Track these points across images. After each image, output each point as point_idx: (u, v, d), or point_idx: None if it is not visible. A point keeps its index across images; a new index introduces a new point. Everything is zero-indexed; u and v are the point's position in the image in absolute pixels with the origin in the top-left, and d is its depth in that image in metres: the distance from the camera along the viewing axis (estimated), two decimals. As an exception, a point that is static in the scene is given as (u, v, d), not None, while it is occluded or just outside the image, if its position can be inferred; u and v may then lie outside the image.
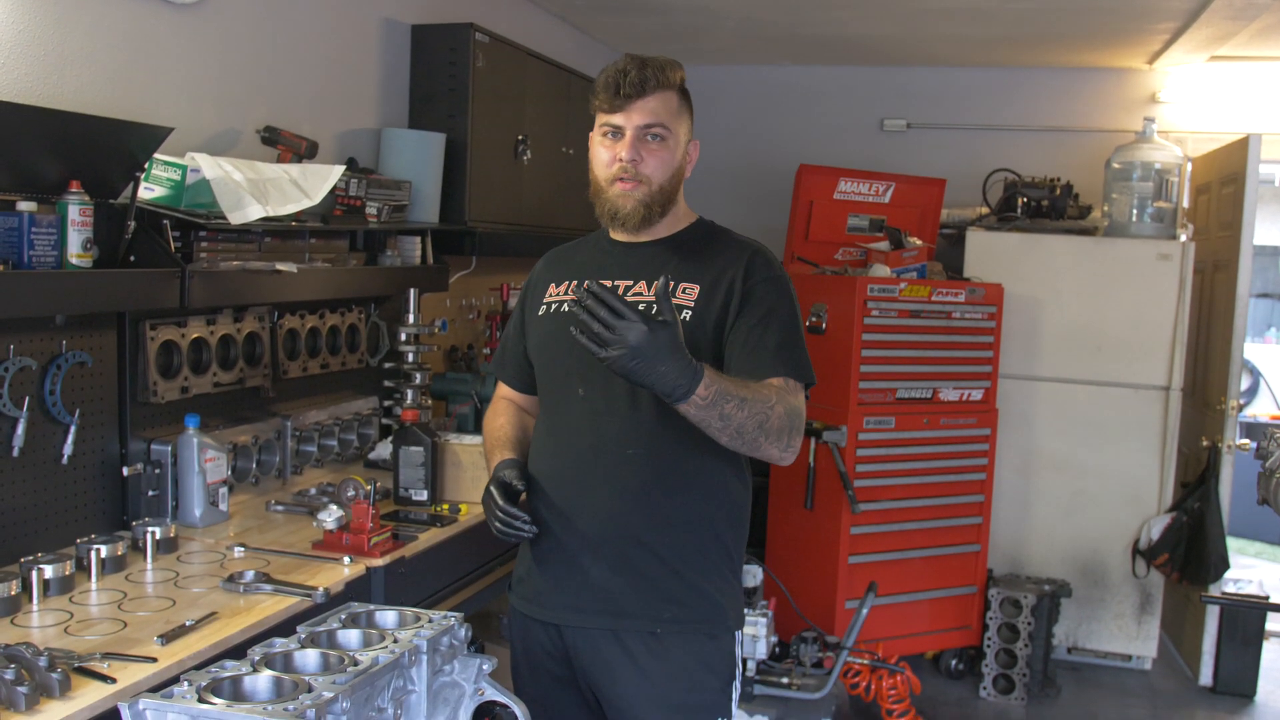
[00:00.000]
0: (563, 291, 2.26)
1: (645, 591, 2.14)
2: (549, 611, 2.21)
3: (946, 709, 4.70)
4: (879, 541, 4.72)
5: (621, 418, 2.13)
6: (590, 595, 2.16)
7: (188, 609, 2.23)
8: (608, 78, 2.14)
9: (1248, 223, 4.82)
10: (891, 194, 5.49)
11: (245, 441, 3.13)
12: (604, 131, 2.18)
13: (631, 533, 2.14)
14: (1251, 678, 4.98)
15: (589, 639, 2.18)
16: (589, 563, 2.15)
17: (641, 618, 2.15)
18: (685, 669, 2.16)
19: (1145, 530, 5.03)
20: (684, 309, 2.13)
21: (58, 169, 2.42)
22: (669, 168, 2.17)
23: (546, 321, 2.26)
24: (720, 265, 2.18)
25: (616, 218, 2.17)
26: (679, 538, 2.16)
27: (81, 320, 2.63)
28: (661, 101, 2.14)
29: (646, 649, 2.15)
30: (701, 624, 2.17)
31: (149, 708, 1.55)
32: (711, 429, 1.98)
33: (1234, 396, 4.96)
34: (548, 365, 2.25)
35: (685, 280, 2.16)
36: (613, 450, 2.14)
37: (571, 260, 2.33)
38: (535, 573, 2.23)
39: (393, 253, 3.65)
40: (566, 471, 2.18)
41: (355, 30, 3.81)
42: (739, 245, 2.23)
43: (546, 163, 4.60)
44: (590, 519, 2.15)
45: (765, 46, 5.83)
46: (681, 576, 2.15)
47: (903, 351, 4.71)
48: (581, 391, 2.16)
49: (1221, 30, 4.81)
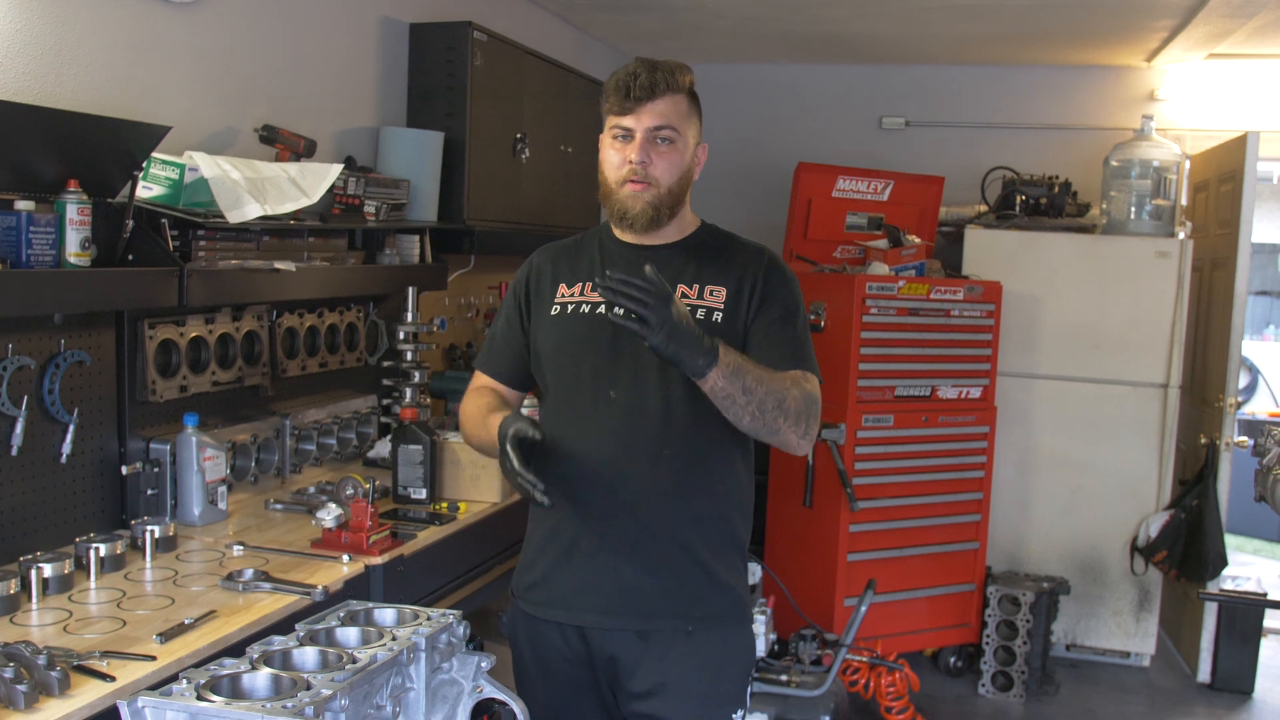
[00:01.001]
0: (577, 293, 2.25)
1: (676, 591, 2.16)
2: (574, 614, 2.20)
3: (945, 706, 4.70)
4: (878, 539, 4.72)
5: (655, 418, 2.15)
6: (622, 597, 2.16)
7: (187, 607, 2.24)
8: (618, 80, 2.15)
9: (1246, 220, 4.82)
10: (890, 192, 5.49)
11: (244, 440, 3.13)
12: (614, 134, 2.18)
13: (666, 532, 2.16)
14: (1249, 674, 4.99)
15: (614, 640, 2.18)
16: (622, 564, 2.16)
17: (672, 617, 2.17)
18: (711, 661, 2.20)
19: (1144, 527, 5.03)
20: (715, 311, 2.18)
21: (56, 168, 2.42)
22: (678, 170, 2.19)
23: (566, 323, 2.24)
24: (740, 268, 2.22)
25: (625, 218, 2.19)
26: (707, 535, 2.19)
27: (80, 319, 2.64)
28: (671, 105, 2.16)
29: (675, 647, 2.17)
30: (729, 619, 2.22)
31: (148, 705, 1.55)
32: (735, 405, 2.02)
33: (1232, 394, 4.96)
34: (570, 368, 2.22)
35: (710, 284, 2.21)
36: (647, 451, 2.14)
37: (578, 260, 2.31)
38: (555, 577, 2.22)
39: (391, 251, 3.65)
40: (598, 473, 2.16)
41: (353, 29, 3.81)
42: (754, 250, 2.28)
43: (545, 161, 4.60)
44: (625, 521, 2.15)
45: (764, 45, 5.83)
46: (709, 573, 2.19)
47: (901, 349, 4.71)
48: (613, 394, 2.16)
49: (1219, 28, 4.82)
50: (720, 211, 2.60)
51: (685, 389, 2.11)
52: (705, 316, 2.17)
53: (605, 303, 2.06)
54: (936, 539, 4.85)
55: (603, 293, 1.93)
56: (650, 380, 2.15)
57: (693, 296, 2.19)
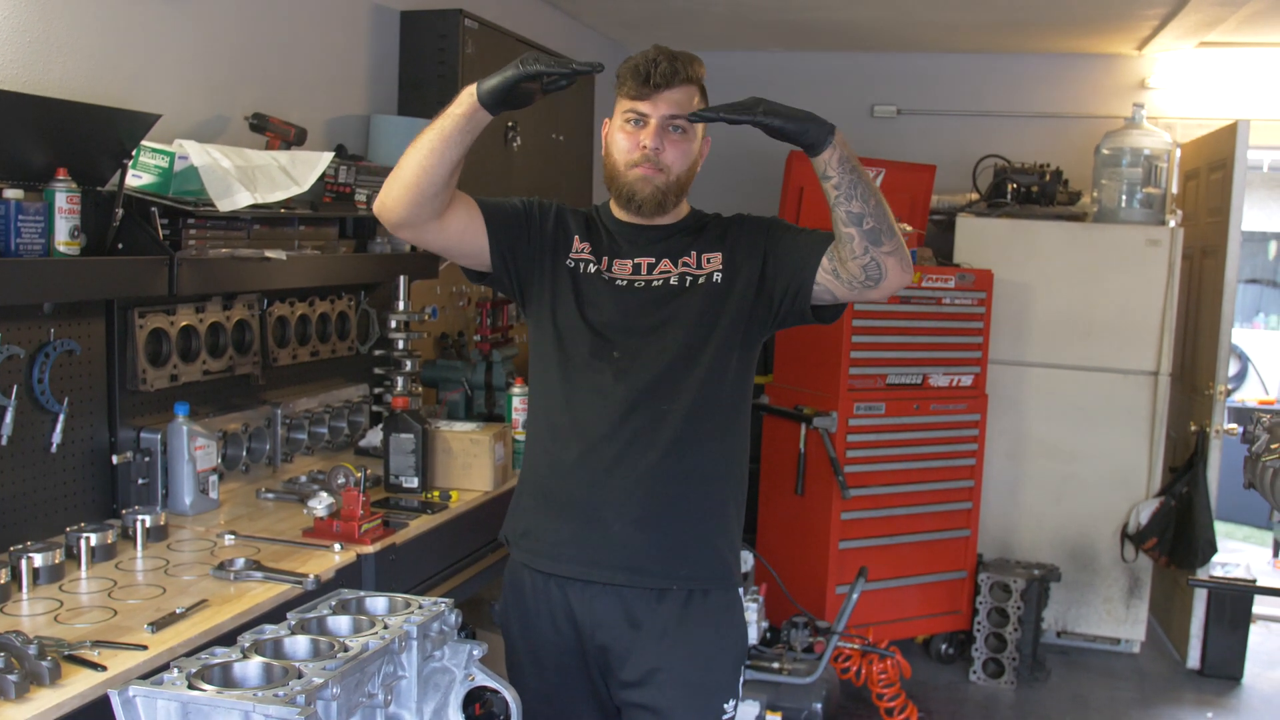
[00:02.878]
0: (585, 252, 2.28)
1: (664, 549, 2.19)
2: (560, 564, 2.22)
3: (937, 693, 4.72)
4: (869, 527, 4.73)
5: (656, 376, 2.18)
6: (609, 550, 2.18)
7: (178, 597, 2.23)
8: (637, 65, 2.17)
9: (1236, 208, 4.84)
10: (881, 180, 5.48)
11: (235, 429, 3.13)
12: (628, 118, 2.20)
13: (661, 489, 2.18)
14: (1239, 660, 5.02)
15: (597, 599, 2.19)
16: (612, 518, 2.18)
17: (656, 575, 2.18)
18: (702, 650, 2.21)
19: (1134, 514, 5.05)
20: (715, 273, 2.25)
21: (44, 156, 2.41)
22: (688, 160, 2.24)
23: (582, 281, 2.26)
24: (730, 238, 2.29)
25: (633, 201, 2.22)
26: (701, 494, 2.22)
27: (69, 308, 2.62)
28: (686, 95, 2.19)
29: (659, 623, 2.18)
30: (712, 581, 2.23)
31: (139, 695, 1.55)
32: (860, 184, 2.02)
33: (1222, 381, 4.98)
34: (579, 325, 2.24)
35: (706, 251, 2.27)
36: (649, 408, 2.17)
37: (586, 226, 2.34)
38: (547, 526, 2.24)
39: (382, 240, 3.64)
40: (600, 428, 2.19)
41: (344, 16, 3.80)
42: (734, 218, 2.35)
43: (536, 149, 4.59)
44: (623, 476, 2.18)
45: (754, 32, 5.82)
46: (699, 533, 2.22)
47: (893, 337, 4.72)
48: (617, 353, 2.20)
49: (1210, 16, 4.82)
50: (712, 200, 2.61)
51: (687, 349, 2.18)
52: (707, 279, 2.23)
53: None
54: (928, 527, 4.87)
55: (693, 118, 2.04)
56: (653, 341, 2.20)
57: (692, 265, 2.25)
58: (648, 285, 2.24)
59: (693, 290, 2.23)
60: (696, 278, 2.24)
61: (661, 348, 2.19)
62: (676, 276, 2.24)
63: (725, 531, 2.27)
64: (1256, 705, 4.81)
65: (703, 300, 2.22)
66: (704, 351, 2.20)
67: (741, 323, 2.23)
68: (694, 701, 2.22)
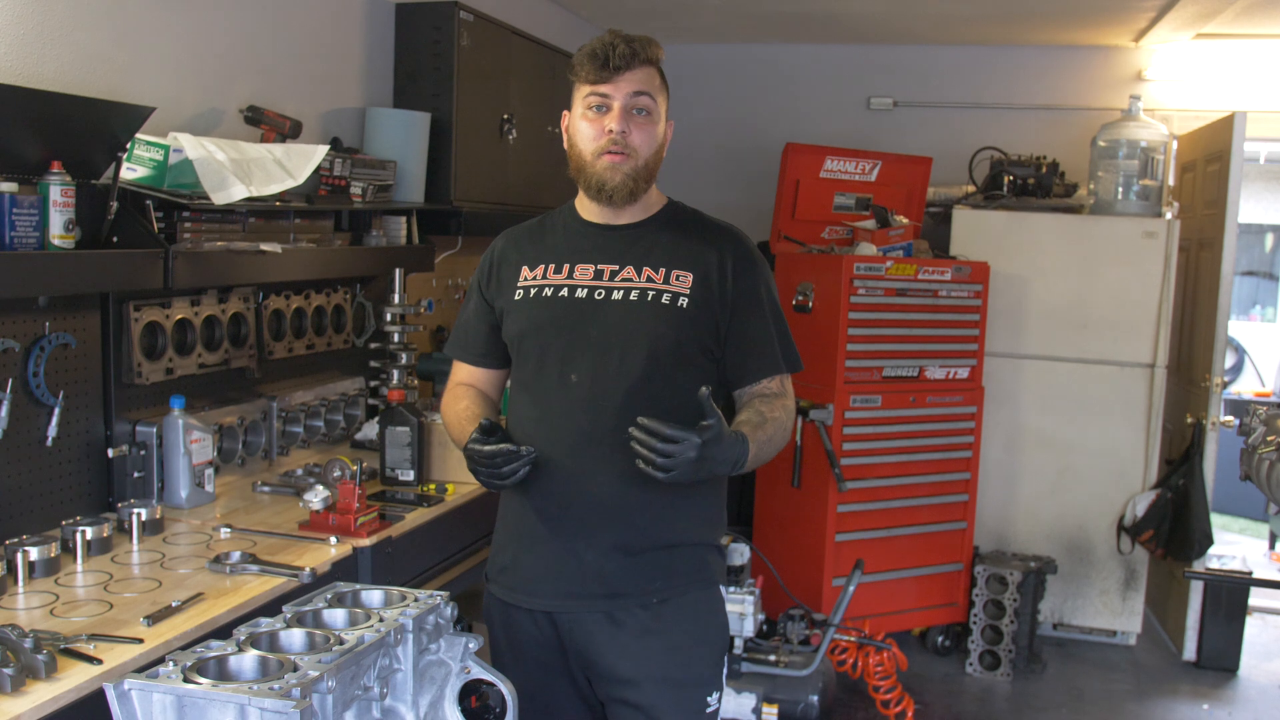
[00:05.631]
0: (539, 275, 2.24)
1: (639, 569, 2.17)
2: (540, 600, 2.20)
3: (933, 685, 4.73)
4: (866, 519, 4.73)
5: (616, 402, 2.13)
6: (585, 580, 2.16)
7: (174, 590, 2.23)
8: (594, 50, 2.14)
9: (1233, 200, 4.84)
10: (878, 172, 5.48)
11: (231, 422, 3.13)
12: (590, 104, 2.17)
13: (628, 517, 2.16)
14: (1234, 652, 5.03)
15: (582, 622, 2.18)
16: (583, 548, 2.16)
17: (635, 594, 2.17)
18: (679, 646, 2.19)
19: (1130, 507, 5.06)
20: (680, 296, 2.17)
21: (39, 149, 2.40)
22: (655, 143, 2.19)
23: (530, 307, 2.23)
24: (708, 254, 2.22)
25: (604, 191, 2.17)
26: (669, 516, 2.18)
27: (65, 301, 2.62)
28: (647, 75, 2.16)
29: (639, 622, 2.17)
30: (691, 584, 2.22)
31: (134, 688, 1.55)
32: (765, 454, 2.16)
33: (1218, 374, 4.98)
34: (535, 352, 2.21)
35: (677, 268, 2.19)
36: (609, 435, 2.12)
37: (542, 242, 2.31)
38: (523, 561, 2.22)
39: (378, 233, 3.64)
40: (561, 458, 2.16)
41: (339, 9, 3.79)
42: (719, 231, 2.27)
43: (532, 142, 4.59)
44: (588, 505, 2.15)
45: (751, 24, 5.80)
46: (672, 548, 2.19)
47: (889, 330, 4.72)
48: (574, 378, 2.16)
49: (1207, 7, 4.81)
50: (708, 192, 2.60)
51: (646, 373, 2.14)
52: (671, 301, 2.16)
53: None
54: (924, 519, 4.87)
55: (632, 442, 1.98)
56: (611, 364, 2.14)
57: (659, 281, 2.18)
58: (608, 297, 2.18)
59: (654, 307, 2.16)
60: (660, 294, 2.17)
61: (620, 372, 2.14)
62: (637, 292, 2.17)
63: (704, 530, 2.25)
64: (1252, 697, 4.82)
65: (663, 322, 2.15)
66: (661, 373, 2.14)
67: (698, 345, 2.19)
68: (676, 697, 2.20)
